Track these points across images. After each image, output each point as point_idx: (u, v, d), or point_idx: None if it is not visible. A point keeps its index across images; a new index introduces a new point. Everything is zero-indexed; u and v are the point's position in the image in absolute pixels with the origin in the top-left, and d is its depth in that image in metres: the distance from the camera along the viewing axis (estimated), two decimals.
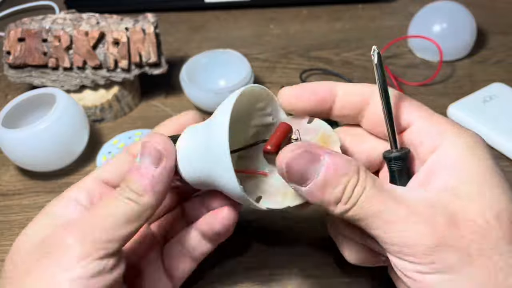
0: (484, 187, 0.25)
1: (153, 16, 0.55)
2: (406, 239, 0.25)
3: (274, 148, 0.28)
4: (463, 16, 0.59)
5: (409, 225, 0.25)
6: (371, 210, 0.25)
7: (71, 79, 0.55)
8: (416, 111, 0.29)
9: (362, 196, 0.25)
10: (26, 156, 0.47)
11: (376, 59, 0.28)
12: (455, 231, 0.24)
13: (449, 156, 0.27)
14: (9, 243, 0.44)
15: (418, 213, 0.25)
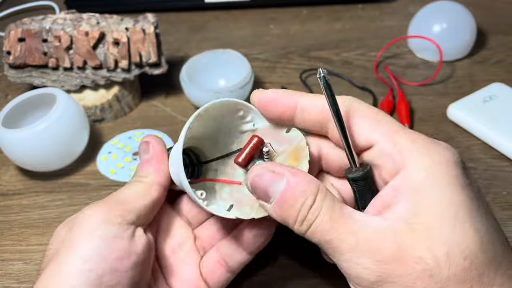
0: (441, 219, 0.24)
1: (153, 16, 0.55)
2: (352, 271, 0.25)
3: (243, 162, 0.30)
4: (463, 16, 0.59)
5: (356, 257, 0.24)
6: (323, 236, 0.25)
7: (71, 79, 0.55)
8: (378, 129, 0.27)
9: (317, 220, 0.25)
10: (26, 156, 0.47)
11: (322, 83, 0.26)
12: (401, 268, 0.23)
13: (410, 181, 0.25)
14: (9, 243, 0.44)
15: (366, 245, 0.24)
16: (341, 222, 0.25)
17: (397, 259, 0.23)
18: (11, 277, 0.41)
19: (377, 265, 0.24)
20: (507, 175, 0.46)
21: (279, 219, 0.27)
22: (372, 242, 0.24)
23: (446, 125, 0.52)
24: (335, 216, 0.25)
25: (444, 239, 0.23)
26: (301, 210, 0.26)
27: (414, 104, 0.54)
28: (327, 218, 0.25)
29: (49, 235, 0.43)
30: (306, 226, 0.26)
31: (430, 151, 0.26)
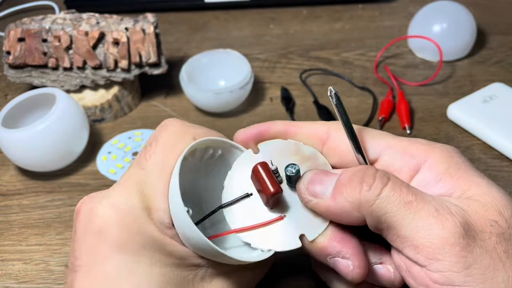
0: (491, 189, 0.25)
1: (153, 16, 0.55)
2: (437, 237, 0.23)
3: (277, 187, 0.27)
4: (463, 16, 0.59)
5: (442, 222, 0.23)
6: (401, 199, 0.24)
7: (71, 79, 0.55)
8: (383, 140, 0.28)
9: (389, 184, 0.24)
10: (26, 156, 0.47)
11: (334, 100, 0.26)
12: (482, 232, 0.23)
13: (438, 170, 0.26)
14: (9, 243, 0.44)
15: (446, 210, 0.24)
16: (415, 189, 0.25)
17: (475, 222, 0.23)
18: (11, 277, 0.41)
19: (463, 225, 0.23)
20: (507, 175, 0.46)
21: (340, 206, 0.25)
22: (451, 207, 0.24)
23: (446, 125, 0.52)
24: (406, 184, 0.25)
25: (505, 203, 0.24)
26: (365, 176, 0.25)
27: (414, 104, 0.54)
28: (400, 182, 0.24)
29: (49, 235, 0.44)
30: (377, 189, 0.24)
31: (436, 148, 0.27)
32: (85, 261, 0.27)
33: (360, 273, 0.26)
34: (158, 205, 0.27)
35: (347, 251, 0.26)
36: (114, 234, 0.26)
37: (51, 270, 0.41)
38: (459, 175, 0.25)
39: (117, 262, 0.26)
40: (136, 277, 0.26)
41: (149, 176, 0.28)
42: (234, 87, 0.52)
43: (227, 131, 0.52)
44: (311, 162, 0.29)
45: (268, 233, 0.28)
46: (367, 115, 0.53)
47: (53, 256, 0.42)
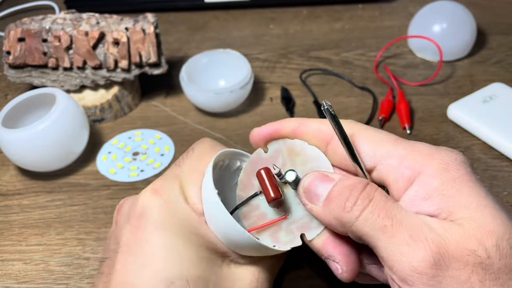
0: (480, 212, 0.24)
1: (153, 16, 0.55)
2: (404, 264, 0.23)
3: (277, 193, 0.29)
4: (463, 16, 0.59)
5: (413, 250, 0.23)
6: (377, 223, 0.24)
7: (71, 79, 0.55)
8: (381, 148, 0.27)
9: (369, 206, 0.25)
10: (26, 156, 0.47)
11: (328, 116, 0.27)
12: (456, 262, 0.23)
13: (430, 185, 0.25)
14: (9, 243, 0.44)
15: (421, 237, 0.24)
16: (395, 211, 0.25)
17: (451, 251, 0.23)
18: (10, 277, 0.41)
19: (433, 255, 0.23)
20: (507, 175, 0.46)
21: (328, 217, 0.27)
22: (426, 234, 0.24)
23: (446, 125, 0.52)
24: (388, 206, 0.25)
25: (490, 230, 0.23)
26: (350, 196, 0.26)
27: (414, 104, 0.54)
28: (381, 206, 0.25)
29: (49, 235, 0.44)
30: (357, 211, 0.25)
31: (435, 156, 0.26)
32: (127, 242, 0.29)
33: (348, 277, 0.28)
34: (193, 193, 0.31)
35: (338, 256, 0.28)
36: (155, 215, 0.29)
37: (51, 270, 0.41)
38: (450, 193, 0.25)
39: (157, 239, 0.29)
40: (175, 253, 0.28)
41: (185, 171, 0.32)
42: (234, 87, 0.52)
43: (227, 131, 0.52)
44: (314, 163, 0.30)
45: (273, 231, 0.30)
46: (367, 115, 0.53)
47: (53, 256, 0.42)
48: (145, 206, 0.30)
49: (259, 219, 0.30)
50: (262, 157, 0.31)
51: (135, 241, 0.29)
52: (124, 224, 0.30)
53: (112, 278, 0.28)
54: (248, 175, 0.31)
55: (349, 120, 0.29)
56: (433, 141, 0.50)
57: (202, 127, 0.54)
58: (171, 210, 0.30)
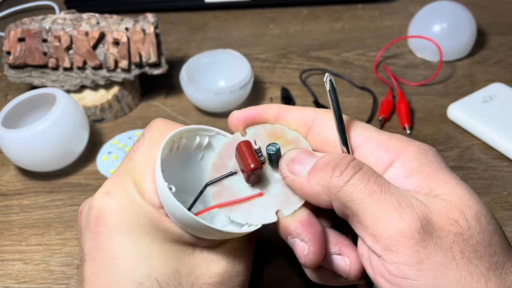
0: (459, 189, 0.25)
1: (153, 16, 0.55)
2: (394, 228, 0.24)
3: (256, 162, 0.28)
4: (463, 16, 0.59)
5: (401, 214, 0.24)
6: (366, 188, 0.25)
7: (71, 79, 0.55)
8: (362, 134, 0.28)
9: (360, 172, 0.25)
10: (26, 156, 0.47)
11: (328, 86, 0.27)
12: (440, 230, 0.24)
13: (410, 166, 0.26)
14: (9, 243, 0.44)
15: (408, 204, 0.24)
16: (383, 180, 0.25)
17: (435, 219, 0.24)
18: (11, 277, 0.41)
19: (420, 220, 0.23)
20: (507, 175, 0.46)
21: (312, 186, 0.26)
22: (413, 201, 0.24)
23: (446, 125, 0.52)
24: (377, 175, 0.25)
25: (470, 204, 0.24)
26: (340, 163, 0.26)
27: (414, 104, 0.54)
28: (369, 174, 0.25)
29: (49, 235, 0.44)
30: (346, 176, 0.25)
31: (413, 143, 0.27)
32: (89, 249, 0.29)
33: (313, 259, 0.27)
34: (148, 187, 0.29)
35: (307, 235, 0.27)
36: (111, 218, 0.28)
37: (51, 270, 0.41)
38: (429, 173, 0.26)
39: (118, 241, 0.28)
40: (138, 253, 0.28)
41: (137, 164, 0.30)
42: (234, 87, 0.52)
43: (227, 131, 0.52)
44: (294, 145, 0.30)
45: (247, 208, 0.29)
46: (367, 115, 0.53)
47: (53, 256, 0.42)
48: (100, 210, 0.29)
49: (232, 197, 0.29)
50: (239, 140, 0.30)
51: (96, 247, 0.28)
52: (84, 230, 0.30)
53: (84, 287, 0.28)
54: (223, 158, 0.30)
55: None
56: (433, 141, 0.50)
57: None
58: (128, 210, 0.29)
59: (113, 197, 0.29)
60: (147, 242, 0.28)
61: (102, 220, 0.28)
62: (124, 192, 0.29)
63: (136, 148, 0.31)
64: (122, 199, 0.29)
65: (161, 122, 0.32)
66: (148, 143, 0.30)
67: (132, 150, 0.31)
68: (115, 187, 0.29)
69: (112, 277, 0.27)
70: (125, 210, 0.28)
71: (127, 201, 0.29)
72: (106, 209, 0.29)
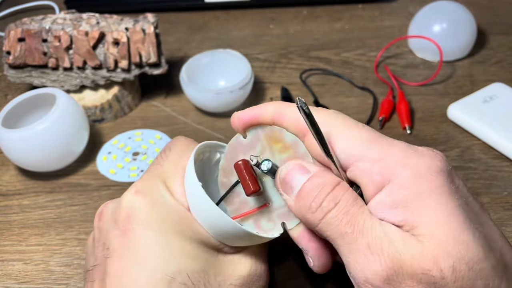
0: (441, 231, 0.23)
1: (153, 16, 0.55)
2: (359, 272, 0.24)
3: (255, 186, 0.29)
4: (463, 16, 0.59)
5: (368, 262, 0.24)
6: (338, 229, 0.25)
7: (71, 79, 0.55)
8: (356, 147, 0.26)
9: (334, 211, 0.25)
10: (26, 156, 0.47)
11: (302, 114, 0.25)
12: (410, 279, 0.23)
13: (397, 195, 0.25)
14: (9, 243, 0.44)
15: (378, 250, 0.24)
16: (358, 218, 0.25)
17: (406, 267, 0.23)
18: (11, 277, 0.41)
19: (387, 270, 0.23)
20: (507, 175, 0.46)
21: (297, 212, 0.28)
22: (385, 245, 0.24)
23: (446, 125, 0.52)
24: (353, 211, 0.25)
25: (448, 250, 0.23)
26: (317, 197, 0.26)
27: (414, 104, 0.54)
28: (344, 212, 0.25)
29: (49, 235, 0.44)
30: (321, 213, 0.26)
31: (409, 163, 0.25)
32: (117, 246, 0.29)
33: (318, 271, 0.29)
34: (178, 189, 0.31)
35: (310, 251, 0.29)
36: (143, 215, 0.29)
37: (51, 270, 0.41)
38: (416, 207, 0.24)
39: (149, 238, 0.28)
40: (170, 250, 0.28)
41: (166, 169, 0.32)
42: (234, 87, 0.52)
43: (227, 131, 0.52)
44: (293, 151, 0.30)
45: (255, 219, 0.31)
46: (367, 115, 0.53)
47: (53, 256, 0.42)
48: (131, 208, 0.29)
49: (242, 205, 0.31)
50: (241, 143, 0.31)
51: (126, 244, 0.29)
52: (110, 229, 0.30)
53: (107, 283, 0.28)
54: (229, 161, 0.31)
55: (330, 111, 0.28)
56: (433, 141, 0.50)
57: (202, 127, 0.54)
58: (159, 208, 0.30)
59: (145, 195, 0.30)
60: (178, 240, 0.29)
61: (133, 218, 0.29)
62: (155, 191, 0.30)
63: (165, 156, 0.33)
64: (154, 198, 0.30)
65: (184, 139, 0.34)
66: (176, 152, 0.33)
67: (160, 158, 0.33)
68: (146, 187, 0.30)
69: (143, 272, 0.28)
70: (157, 208, 0.29)
71: (158, 199, 0.30)
72: (137, 207, 0.29)
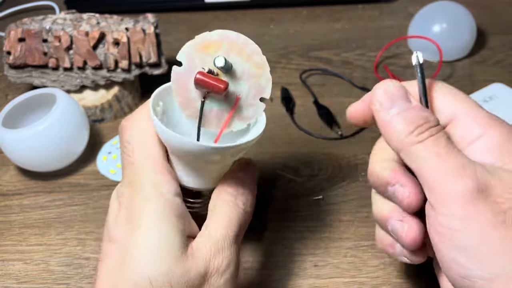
0: None
1: (153, 16, 0.55)
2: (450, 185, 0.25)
3: (223, 82, 0.30)
4: (463, 16, 0.59)
5: (461, 175, 0.25)
6: (434, 149, 0.26)
7: (71, 79, 0.55)
8: (458, 106, 0.30)
9: (433, 137, 0.27)
10: (26, 156, 0.47)
11: (418, 70, 0.31)
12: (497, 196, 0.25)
13: (492, 141, 0.28)
14: (9, 243, 0.44)
15: (471, 168, 0.26)
16: (453, 147, 0.27)
17: (494, 190, 0.25)
18: (11, 277, 0.41)
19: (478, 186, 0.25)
20: None
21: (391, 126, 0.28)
22: (477, 167, 0.26)
23: None
24: (450, 144, 0.27)
25: None
26: (423, 125, 0.27)
27: None
28: (443, 140, 0.27)
29: (49, 235, 0.44)
30: (420, 137, 0.27)
31: (504, 124, 0.28)
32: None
33: (414, 199, 0.29)
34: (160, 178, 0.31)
35: (406, 180, 0.29)
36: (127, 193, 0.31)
37: (52, 270, 0.41)
38: (509, 150, 0.27)
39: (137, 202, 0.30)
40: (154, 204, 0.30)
41: (140, 165, 0.31)
42: None
43: None
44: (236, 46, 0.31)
45: (238, 115, 0.31)
46: None
47: (53, 256, 0.42)
48: (118, 197, 0.31)
49: (219, 118, 0.31)
50: (181, 71, 0.31)
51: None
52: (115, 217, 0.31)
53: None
54: (182, 95, 0.32)
55: (435, 80, 0.32)
56: None
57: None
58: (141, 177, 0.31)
59: (129, 183, 0.31)
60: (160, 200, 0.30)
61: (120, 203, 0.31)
62: (136, 179, 0.31)
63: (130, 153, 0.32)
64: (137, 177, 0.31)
65: (126, 121, 0.33)
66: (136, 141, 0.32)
67: (128, 156, 0.32)
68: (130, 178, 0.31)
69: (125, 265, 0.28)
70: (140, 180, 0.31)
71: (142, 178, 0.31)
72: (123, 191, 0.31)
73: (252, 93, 0.31)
